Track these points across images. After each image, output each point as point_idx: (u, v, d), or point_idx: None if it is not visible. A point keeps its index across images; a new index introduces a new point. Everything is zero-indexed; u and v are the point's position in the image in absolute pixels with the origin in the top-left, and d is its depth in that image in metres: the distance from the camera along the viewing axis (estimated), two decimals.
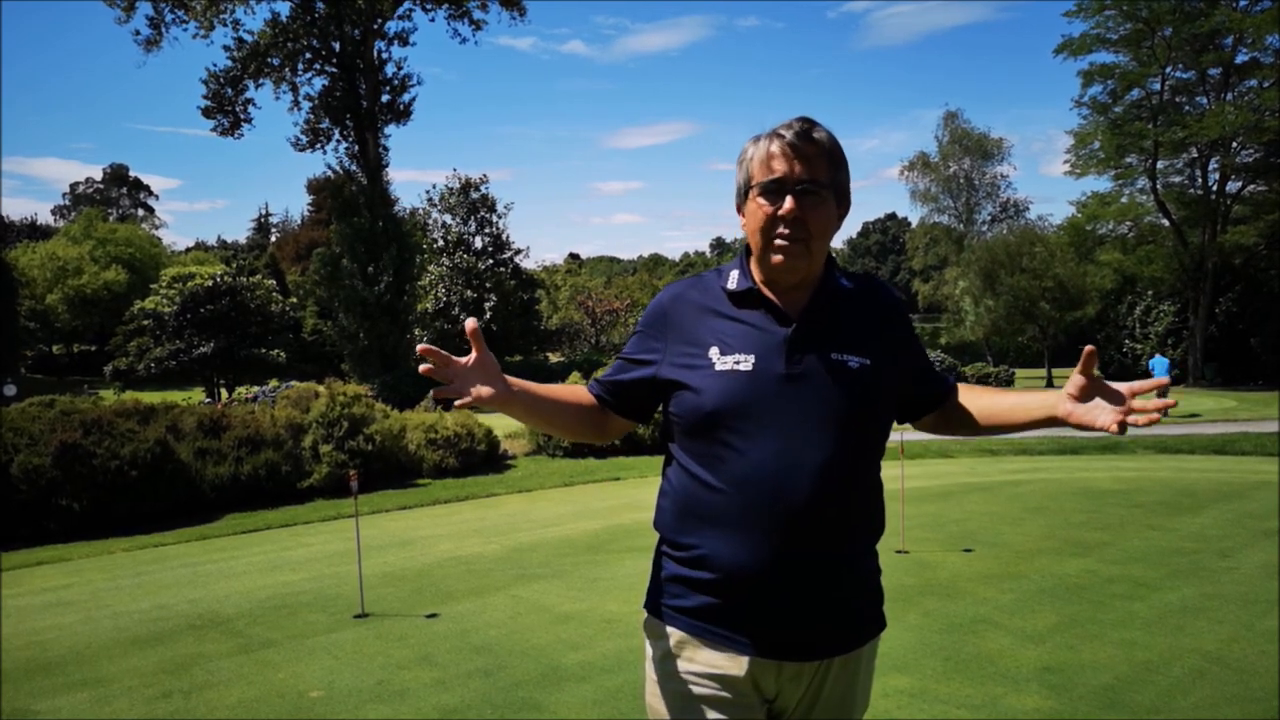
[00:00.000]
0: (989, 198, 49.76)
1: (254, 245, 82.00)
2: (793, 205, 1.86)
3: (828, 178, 1.90)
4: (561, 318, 55.61)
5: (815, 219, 1.89)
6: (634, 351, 2.04)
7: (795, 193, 1.86)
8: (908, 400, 2.09)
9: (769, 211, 1.89)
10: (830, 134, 1.93)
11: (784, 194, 1.87)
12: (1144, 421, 1.71)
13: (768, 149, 1.90)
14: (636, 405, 2.06)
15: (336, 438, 13.39)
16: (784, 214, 1.87)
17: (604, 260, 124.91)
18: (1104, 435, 14.06)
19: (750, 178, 1.93)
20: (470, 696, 4.64)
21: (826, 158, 1.91)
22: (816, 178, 1.88)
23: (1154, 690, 4.40)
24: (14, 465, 10.81)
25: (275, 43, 34.22)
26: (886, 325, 2.00)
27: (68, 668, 5.47)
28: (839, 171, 1.94)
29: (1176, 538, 7.89)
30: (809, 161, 1.88)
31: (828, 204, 1.91)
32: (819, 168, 1.89)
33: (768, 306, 1.93)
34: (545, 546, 8.65)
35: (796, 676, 1.90)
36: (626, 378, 2.04)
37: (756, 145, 1.94)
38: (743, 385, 1.85)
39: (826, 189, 1.90)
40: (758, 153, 1.92)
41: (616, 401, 2.06)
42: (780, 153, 1.88)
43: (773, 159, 1.89)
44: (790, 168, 1.87)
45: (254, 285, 45.78)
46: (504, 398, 1.89)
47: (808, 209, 1.87)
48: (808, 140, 1.88)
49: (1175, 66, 33.97)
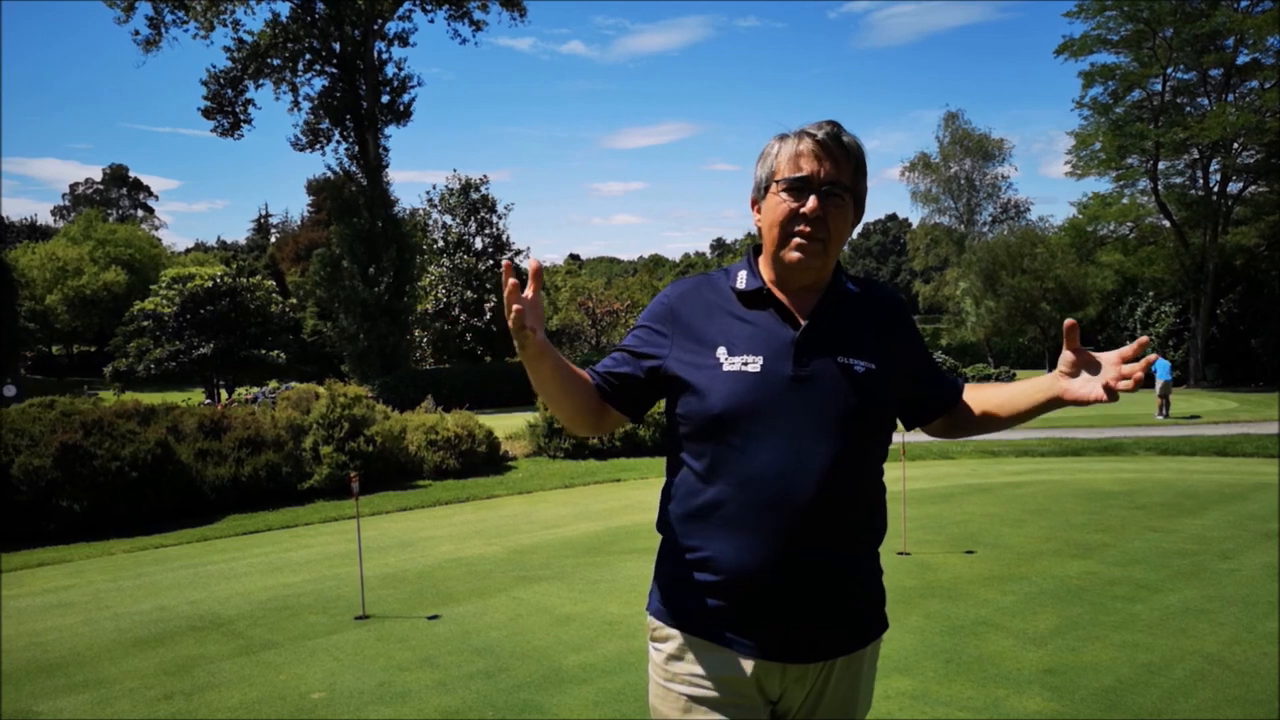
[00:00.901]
0: (990, 198, 49.83)
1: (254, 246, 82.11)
2: (816, 204, 1.87)
3: (851, 182, 1.92)
4: (562, 319, 55.60)
5: (835, 221, 1.90)
6: (638, 345, 2.01)
7: (820, 192, 1.88)
8: (917, 404, 2.10)
9: (792, 207, 1.90)
10: (857, 141, 1.95)
11: (809, 192, 1.88)
12: (1129, 386, 1.73)
13: (797, 147, 1.91)
14: (634, 400, 2.02)
15: (337, 439, 13.38)
16: (807, 211, 1.88)
17: (604, 261, 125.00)
18: (1105, 437, 14.05)
19: (774, 173, 1.94)
20: (472, 698, 4.64)
21: (852, 163, 1.93)
22: (841, 180, 1.90)
23: (1155, 692, 4.40)
24: (14, 466, 10.81)
25: (275, 43, 34.26)
26: (891, 329, 2.01)
27: (69, 669, 5.47)
28: (860, 179, 1.96)
29: (1178, 539, 7.88)
30: (836, 164, 1.90)
31: (848, 208, 1.93)
32: (845, 171, 1.91)
33: (777, 307, 1.94)
34: (546, 548, 8.64)
35: (800, 678, 1.91)
36: (629, 370, 1.99)
37: (784, 142, 1.95)
38: (751, 387, 1.86)
39: (849, 193, 1.92)
40: (785, 149, 1.93)
41: (615, 394, 2.00)
42: (810, 152, 1.90)
43: (801, 157, 1.90)
44: (818, 167, 1.88)
45: (254, 286, 45.85)
46: (544, 346, 1.82)
47: (830, 210, 1.89)
48: (837, 143, 1.90)
49: (1176, 67, 33.94)
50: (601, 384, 2.00)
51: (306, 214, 68.47)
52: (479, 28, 37.14)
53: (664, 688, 1.97)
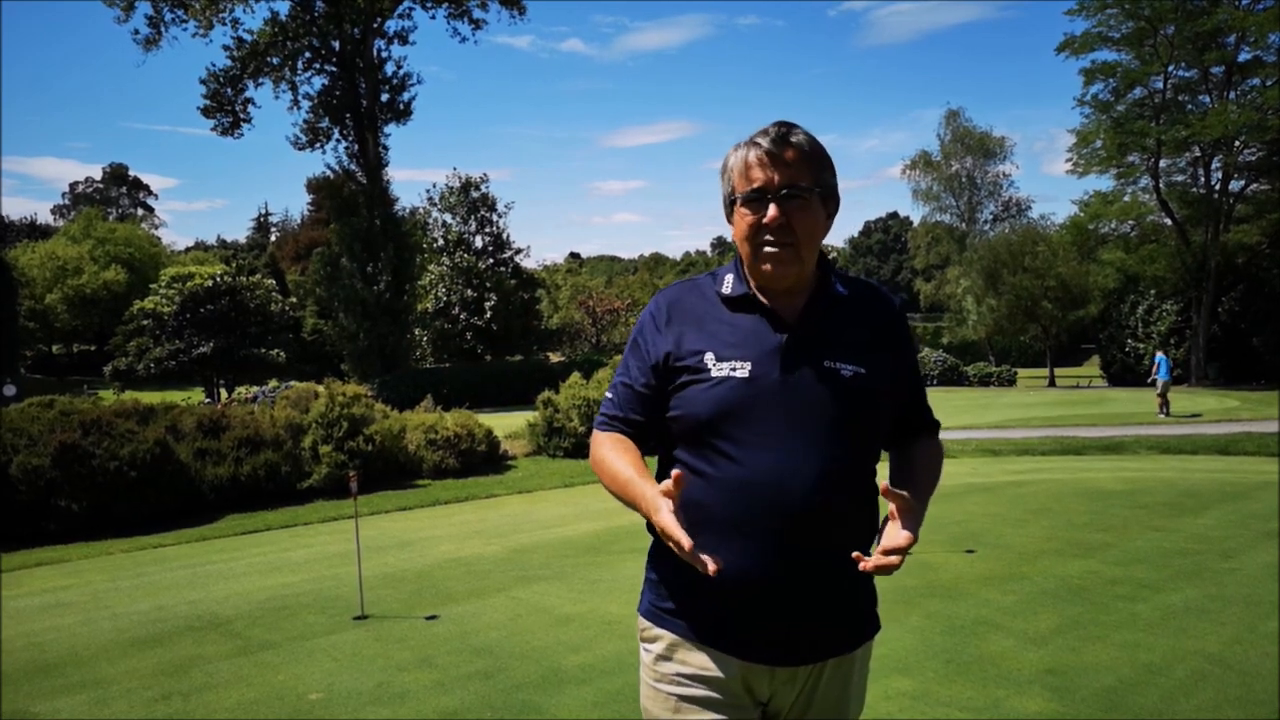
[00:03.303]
0: (991, 196, 49.84)
1: (254, 245, 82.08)
2: (776, 213, 1.85)
3: (810, 181, 1.89)
4: (562, 317, 55.62)
5: (801, 223, 1.87)
6: (639, 377, 1.98)
7: (778, 199, 1.85)
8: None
9: (753, 221, 1.88)
10: (809, 135, 1.91)
11: (766, 202, 1.86)
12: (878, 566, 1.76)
13: (745, 158, 1.89)
14: (659, 424, 2.00)
15: (336, 438, 13.37)
16: (768, 221, 1.86)
17: (605, 260, 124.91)
18: (1107, 436, 14.01)
19: (733, 189, 1.92)
20: (470, 699, 4.62)
21: (807, 161, 1.89)
22: (798, 182, 1.87)
23: (1157, 693, 4.37)
24: (13, 466, 10.81)
25: (275, 42, 34.24)
26: (881, 333, 1.99)
27: (66, 669, 5.45)
28: (823, 172, 1.92)
29: (1179, 539, 7.86)
30: (788, 167, 1.86)
31: (813, 207, 1.90)
32: (800, 172, 1.87)
33: (763, 312, 1.92)
34: (545, 548, 8.63)
35: (790, 679, 1.92)
36: (646, 407, 1.97)
37: (735, 155, 1.93)
38: (739, 392, 1.85)
39: (809, 192, 1.89)
40: (737, 163, 1.91)
41: (646, 432, 2.00)
42: (758, 161, 1.87)
43: (751, 169, 1.88)
44: (769, 175, 1.86)
45: (254, 285, 45.83)
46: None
47: (793, 214, 1.86)
48: (785, 145, 1.87)
49: (1178, 65, 33.89)
50: (633, 432, 1.99)
51: (306, 213, 68.50)
52: (479, 26, 37.18)
53: (654, 688, 1.98)
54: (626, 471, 1.87)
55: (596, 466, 1.98)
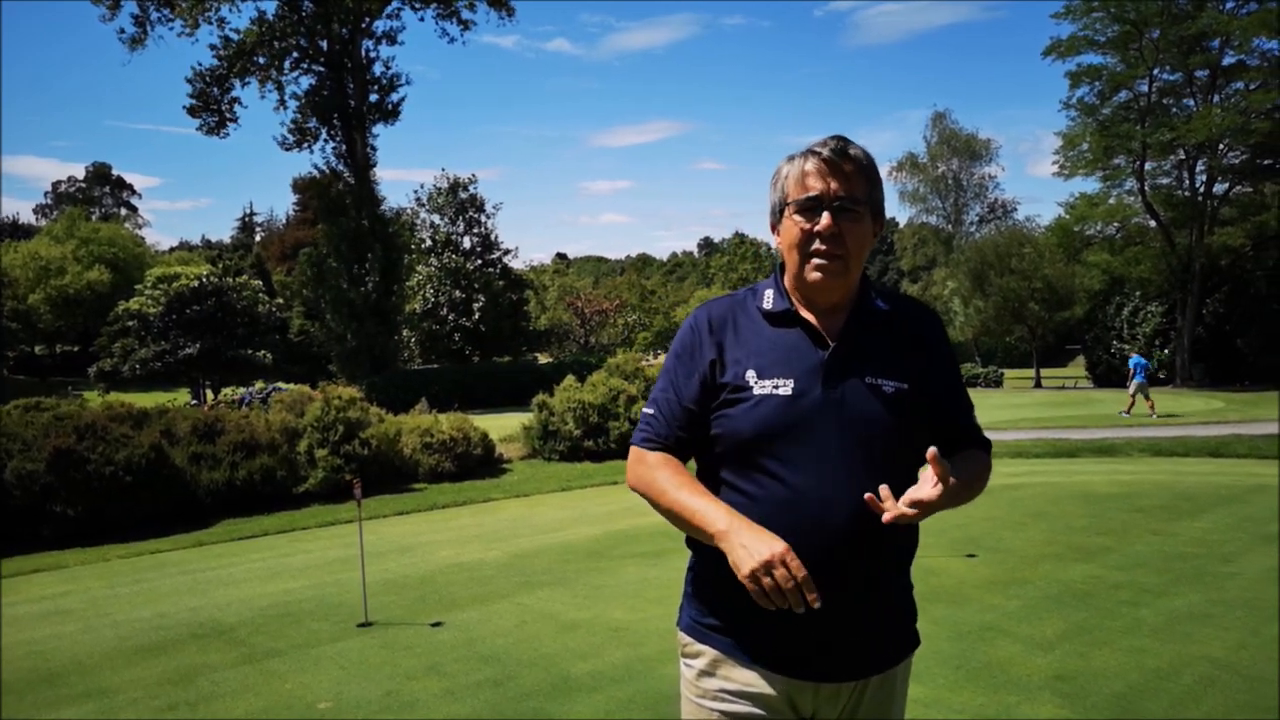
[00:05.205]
0: (977, 198, 50.17)
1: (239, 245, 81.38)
2: (829, 222, 1.86)
3: (864, 195, 1.91)
4: (550, 318, 55.52)
5: (852, 236, 1.89)
6: (685, 392, 1.96)
7: (832, 209, 1.87)
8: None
9: (806, 228, 1.89)
10: (866, 152, 1.94)
11: (820, 211, 1.87)
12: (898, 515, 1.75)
13: (803, 167, 1.91)
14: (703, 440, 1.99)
15: (332, 442, 13.30)
16: (821, 230, 1.87)
17: (592, 260, 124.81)
18: (1099, 438, 14.04)
19: (786, 196, 1.93)
20: (480, 707, 4.61)
21: (863, 175, 1.92)
22: (853, 194, 1.89)
23: (1166, 699, 4.41)
24: (7, 471, 10.72)
25: (261, 41, 34.01)
26: (923, 348, 1.99)
27: (70, 678, 5.41)
28: (875, 189, 1.95)
29: (1178, 542, 7.91)
30: (846, 179, 1.89)
31: (864, 221, 1.92)
32: (856, 185, 1.90)
33: (805, 328, 1.93)
34: (547, 552, 8.60)
35: (833, 696, 1.92)
36: (691, 423, 1.95)
37: (791, 164, 1.94)
38: (782, 410, 1.85)
39: (863, 206, 1.91)
40: (793, 171, 1.93)
41: (689, 450, 1.99)
42: (816, 170, 1.89)
43: (808, 176, 1.89)
44: (826, 185, 1.88)
45: (240, 286, 45.54)
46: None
47: (845, 226, 1.88)
48: (844, 157, 1.89)
49: (1163, 68, 34.12)
50: (680, 449, 1.98)
51: (292, 212, 68.01)
52: (467, 27, 37.06)
53: (696, 704, 1.98)
54: (696, 500, 1.85)
55: (647, 487, 1.96)
